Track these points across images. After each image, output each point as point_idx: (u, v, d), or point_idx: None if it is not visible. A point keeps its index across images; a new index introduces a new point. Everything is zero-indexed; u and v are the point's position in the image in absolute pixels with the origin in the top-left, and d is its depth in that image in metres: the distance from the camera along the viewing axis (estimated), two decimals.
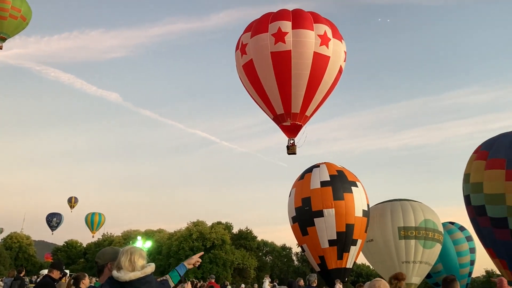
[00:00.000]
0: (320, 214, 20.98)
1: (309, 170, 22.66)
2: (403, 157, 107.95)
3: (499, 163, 19.31)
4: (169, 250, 46.28)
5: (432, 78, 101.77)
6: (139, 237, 32.81)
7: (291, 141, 21.40)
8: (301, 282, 13.27)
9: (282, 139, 22.02)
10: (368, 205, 22.32)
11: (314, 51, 19.64)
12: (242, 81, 22.09)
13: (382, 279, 4.63)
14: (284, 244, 54.10)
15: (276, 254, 52.74)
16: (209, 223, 48.88)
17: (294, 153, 21.41)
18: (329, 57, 20.04)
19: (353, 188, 21.58)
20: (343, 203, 21.01)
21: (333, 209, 20.83)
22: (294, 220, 22.34)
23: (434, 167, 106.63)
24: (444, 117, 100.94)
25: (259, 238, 53.01)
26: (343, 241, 21.20)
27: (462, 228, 28.14)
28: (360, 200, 21.60)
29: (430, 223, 23.42)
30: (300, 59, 19.58)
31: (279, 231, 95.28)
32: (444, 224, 26.34)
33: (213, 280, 19.45)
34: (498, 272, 23.34)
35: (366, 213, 21.84)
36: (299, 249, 51.37)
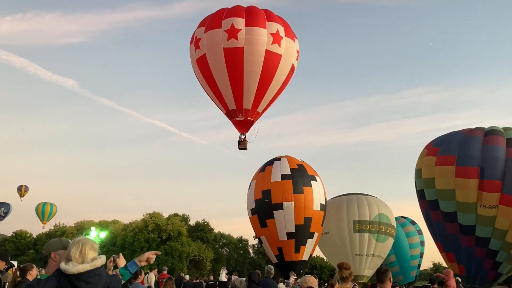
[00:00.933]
0: (279, 207, 21.08)
1: (270, 163, 22.73)
2: (359, 152, 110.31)
3: (449, 160, 20.10)
4: (124, 242, 45.26)
5: (387, 77, 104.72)
6: (93, 228, 31.80)
7: (243, 137, 21.62)
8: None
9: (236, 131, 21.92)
10: (325, 199, 22.64)
11: (266, 49, 19.82)
12: (196, 75, 21.91)
13: (311, 275, 5.20)
14: (241, 237, 54.30)
15: (233, 246, 52.78)
16: (165, 215, 48.24)
17: (245, 148, 21.63)
18: (281, 55, 20.24)
19: (312, 182, 21.83)
20: (303, 197, 21.20)
21: (293, 202, 21.00)
22: (253, 212, 22.33)
23: (388, 163, 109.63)
24: (398, 115, 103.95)
25: (216, 230, 52.94)
26: (301, 234, 21.44)
27: (413, 222, 29.29)
28: (318, 194, 21.86)
29: (384, 217, 24.07)
30: (252, 57, 19.76)
31: (236, 224, 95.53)
32: (397, 218, 27.22)
33: (165, 272, 19.10)
34: (444, 265, 24.29)
35: (323, 207, 22.13)
36: (255, 242, 51.60)
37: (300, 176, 21.62)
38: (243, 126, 21.43)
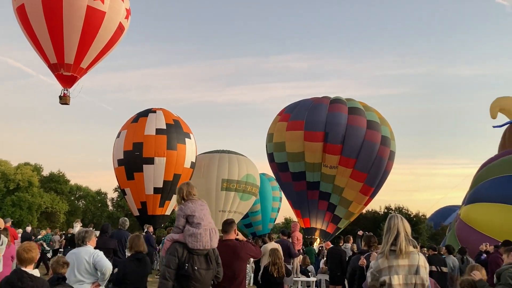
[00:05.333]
0: (150, 161, 20.80)
1: (145, 114, 22.01)
2: (230, 111, 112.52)
3: (299, 124, 22.25)
4: None
5: (261, 40, 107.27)
6: None
7: (65, 91, 21.15)
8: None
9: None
10: (196, 157, 22.95)
11: (87, 5, 19.32)
12: (18, 24, 20.40)
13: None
14: (100, 189, 52.37)
15: (90, 199, 50.62)
16: (14, 163, 44.09)
17: (67, 104, 21.27)
18: (105, 12, 19.82)
19: (186, 139, 21.87)
20: (175, 154, 21.20)
21: (165, 158, 20.87)
22: (120, 163, 21.62)
23: (257, 123, 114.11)
24: (269, 78, 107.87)
25: (72, 182, 50.15)
26: (168, 189, 21.55)
27: None
28: (191, 152, 22.07)
29: (251, 177, 25.51)
30: (72, 10, 19.22)
31: (95, 176, 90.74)
32: (264, 174, 29.23)
33: (8, 224, 17.60)
34: (295, 220, 27.01)
35: (193, 165, 22.47)
36: (115, 195, 50.27)
37: (175, 132, 21.44)
38: (66, 81, 20.82)
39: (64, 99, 21.00)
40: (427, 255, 9.56)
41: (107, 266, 5.49)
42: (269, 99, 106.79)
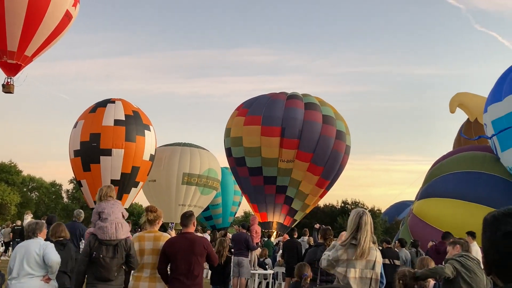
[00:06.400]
0: (108, 152, 20.31)
1: (103, 104, 21.43)
2: (192, 104, 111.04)
3: (256, 119, 22.47)
4: None
5: (224, 33, 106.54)
6: None
7: (8, 80, 20.39)
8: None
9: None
10: (155, 150, 22.63)
11: None
12: None
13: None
14: (54, 181, 50.68)
15: (44, 191, 48.94)
16: None
17: (11, 92, 20.54)
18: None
19: (146, 131, 21.50)
20: (134, 145, 20.80)
21: (123, 150, 20.45)
22: (76, 153, 21.02)
23: (218, 116, 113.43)
24: (231, 72, 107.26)
25: (25, 173, 48.30)
26: (126, 182, 21.19)
27: None
28: (150, 144, 21.74)
29: (213, 172, 25.43)
30: None
31: (49, 167, 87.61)
32: (227, 168, 29.18)
33: None
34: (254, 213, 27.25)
35: (152, 158, 22.15)
36: (70, 186, 48.85)
37: (134, 124, 20.99)
38: (10, 69, 20.03)
39: (7, 88, 20.14)
40: (380, 248, 9.85)
41: (54, 259, 5.33)
42: (231, 92, 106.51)
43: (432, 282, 5.53)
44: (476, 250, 8.33)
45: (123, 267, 5.14)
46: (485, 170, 14.68)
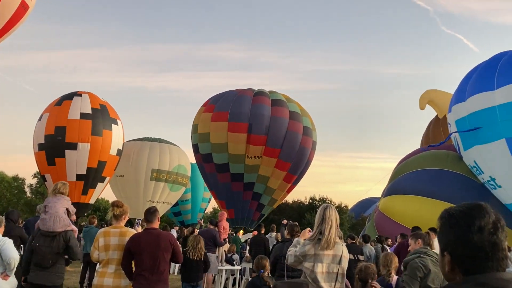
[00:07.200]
0: (73, 147, 19.80)
1: (69, 97, 20.84)
2: (161, 98, 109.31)
3: (223, 115, 22.40)
4: None
5: (196, 27, 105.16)
6: None
7: None
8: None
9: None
10: (123, 144, 22.24)
11: None
12: None
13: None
14: (17, 175, 49.09)
15: (6, 185, 47.37)
16: None
17: None
18: None
19: (113, 125, 21.05)
20: (101, 140, 20.34)
21: (89, 144, 19.95)
22: (40, 147, 20.42)
23: (186, 112, 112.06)
24: (202, 67, 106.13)
25: None
26: (92, 177, 20.73)
27: None
28: (117, 138, 21.31)
29: (182, 168, 25.17)
30: None
31: (12, 161, 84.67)
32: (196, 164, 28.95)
33: None
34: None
35: (119, 152, 21.75)
36: (34, 181, 47.47)
37: (101, 117, 20.50)
38: None
39: None
40: (345, 243, 10.01)
41: (12, 255, 5.17)
42: (201, 87, 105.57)
43: (395, 277, 5.66)
44: (437, 246, 8.55)
45: (66, 257, 5.80)
46: (448, 168, 15.15)
